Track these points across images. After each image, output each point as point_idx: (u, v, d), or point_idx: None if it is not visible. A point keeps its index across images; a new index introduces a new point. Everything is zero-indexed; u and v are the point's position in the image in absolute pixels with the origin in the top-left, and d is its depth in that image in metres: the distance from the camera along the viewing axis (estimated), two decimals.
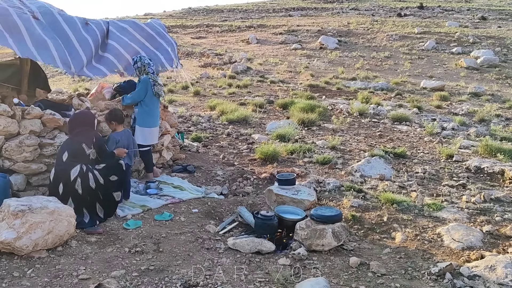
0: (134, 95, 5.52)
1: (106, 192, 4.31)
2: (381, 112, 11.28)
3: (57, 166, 4.19)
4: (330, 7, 55.68)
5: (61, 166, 4.14)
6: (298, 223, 4.00)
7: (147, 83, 5.47)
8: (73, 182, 4.08)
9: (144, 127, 5.59)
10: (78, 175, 4.11)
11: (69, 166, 4.13)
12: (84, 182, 4.14)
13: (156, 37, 6.38)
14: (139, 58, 5.54)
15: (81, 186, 4.12)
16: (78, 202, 4.11)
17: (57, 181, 4.11)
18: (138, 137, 5.56)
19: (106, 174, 4.31)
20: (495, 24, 36.80)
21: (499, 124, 10.38)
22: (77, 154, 4.21)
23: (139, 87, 5.51)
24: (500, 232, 4.24)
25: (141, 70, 5.53)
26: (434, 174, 6.29)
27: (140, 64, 5.51)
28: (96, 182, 4.23)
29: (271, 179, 5.88)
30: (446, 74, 20.33)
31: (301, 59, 24.34)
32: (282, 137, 8.04)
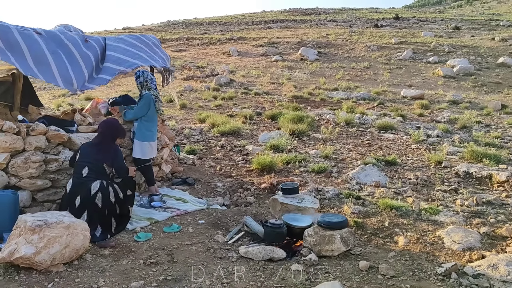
0: (136, 111, 5.56)
1: (123, 206, 4.39)
2: (367, 121, 11.58)
3: (75, 179, 4.25)
4: (308, 19, 56.64)
5: (80, 179, 4.20)
6: (306, 230, 4.14)
7: (150, 99, 5.51)
8: (94, 196, 4.15)
9: (144, 142, 5.61)
10: (99, 189, 4.18)
11: (89, 181, 4.19)
12: (105, 196, 4.21)
13: (152, 45, 6.48)
14: (141, 73, 5.62)
15: (101, 200, 4.19)
16: (95, 216, 4.16)
17: (74, 194, 4.16)
18: (136, 151, 5.57)
19: (124, 188, 4.40)
20: (468, 33, 38.06)
21: (480, 131, 10.78)
22: (98, 171, 4.29)
23: (141, 103, 5.54)
24: (496, 233, 4.47)
25: (143, 85, 5.61)
26: (426, 180, 6.54)
27: (143, 79, 5.59)
28: (116, 197, 4.31)
29: (271, 189, 6.02)
30: (424, 83, 20.94)
31: (282, 70, 24.67)
32: (276, 148, 8.20)
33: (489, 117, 13.47)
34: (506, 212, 5.22)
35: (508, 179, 6.34)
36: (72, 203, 4.15)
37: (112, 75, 5.66)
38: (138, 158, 5.57)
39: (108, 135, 4.58)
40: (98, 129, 4.74)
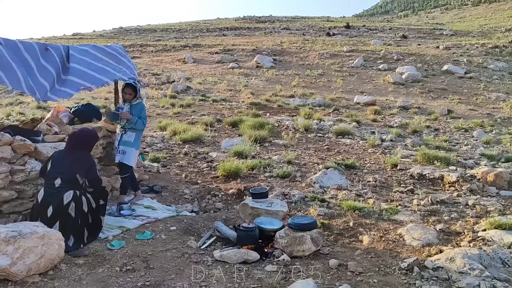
0: (145, 120, 5.79)
1: (95, 216, 4.38)
2: (324, 127, 11.97)
3: (47, 189, 4.19)
4: (263, 27, 57.42)
5: (52, 189, 4.16)
6: (278, 232, 4.32)
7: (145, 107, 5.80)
8: (67, 206, 4.11)
9: (138, 150, 5.88)
10: (72, 199, 4.15)
11: (62, 191, 4.15)
12: (78, 206, 4.19)
13: (118, 56, 6.46)
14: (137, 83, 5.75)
15: (74, 209, 4.16)
16: (68, 225, 4.13)
17: (46, 204, 4.11)
18: (131, 160, 5.72)
19: (96, 198, 4.39)
20: (415, 42, 39.99)
21: (430, 135, 11.44)
22: (71, 181, 4.25)
23: (144, 113, 5.80)
24: (451, 229, 4.85)
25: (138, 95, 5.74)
26: (384, 182, 6.92)
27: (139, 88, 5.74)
28: (88, 206, 4.29)
29: (239, 194, 6.17)
30: (375, 90, 21.81)
31: (239, 77, 24.90)
32: (240, 154, 8.35)
33: (437, 121, 14.27)
34: (458, 210, 5.64)
35: (458, 179, 6.82)
36: (44, 213, 4.11)
37: (76, 90, 5.64)
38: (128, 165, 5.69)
39: (82, 144, 4.55)
40: (70, 139, 4.69)
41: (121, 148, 5.69)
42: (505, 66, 29.51)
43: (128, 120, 5.65)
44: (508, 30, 49.15)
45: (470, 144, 10.66)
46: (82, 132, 4.64)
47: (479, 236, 4.51)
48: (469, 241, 4.42)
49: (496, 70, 28.32)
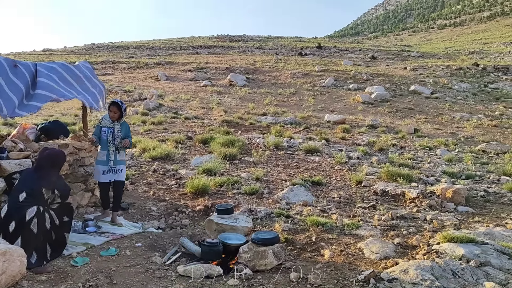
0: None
1: (59, 232, 4.38)
2: (294, 144, 12.21)
3: (11, 204, 4.17)
4: (236, 46, 58.11)
5: (16, 204, 4.14)
6: (241, 247, 4.42)
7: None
8: (29, 222, 4.10)
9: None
10: (35, 215, 4.14)
11: (25, 206, 4.14)
12: (40, 222, 4.17)
13: (83, 79, 6.49)
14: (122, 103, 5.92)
15: (36, 226, 4.14)
16: (30, 242, 4.12)
17: (9, 219, 4.09)
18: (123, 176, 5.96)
19: (60, 214, 4.39)
20: (384, 63, 41.22)
21: (395, 153, 11.82)
22: (36, 196, 4.24)
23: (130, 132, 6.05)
24: (407, 243, 5.06)
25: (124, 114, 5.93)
26: (348, 198, 7.13)
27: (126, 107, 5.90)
28: (51, 223, 4.29)
29: (206, 211, 6.25)
30: (345, 108, 22.34)
31: (212, 95, 25.06)
32: (209, 171, 8.44)
33: (403, 140, 14.73)
34: (416, 224, 5.88)
35: (418, 196, 7.10)
36: (6, 229, 4.08)
37: (43, 101, 5.62)
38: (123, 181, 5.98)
39: (51, 165, 4.55)
40: (38, 160, 4.67)
41: (118, 167, 5.82)
42: (469, 87, 30.73)
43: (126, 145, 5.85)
44: (471, 52, 51.32)
45: (433, 162, 11.05)
46: (49, 155, 4.64)
47: (433, 249, 4.72)
48: (424, 254, 4.63)
49: (461, 91, 29.45)
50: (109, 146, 5.77)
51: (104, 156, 5.79)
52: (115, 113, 5.81)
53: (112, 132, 5.79)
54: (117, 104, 5.80)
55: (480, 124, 19.65)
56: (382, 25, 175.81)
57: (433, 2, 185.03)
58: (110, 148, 5.78)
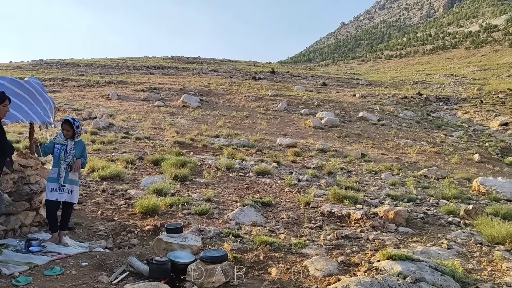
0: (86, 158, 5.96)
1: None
2: (246, 166, 12.38)
3: None
4: (191, 67, 58.24)
5: None
6: (190, 265, 4.47)
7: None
8: None
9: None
10: None
11: None
12: None
13: (35, 93, 6.39)
14: (77, 121, 5.80)
15: None
16: None
17: None
18: (76, 198, 5.89)
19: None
20: (334, 89, 42.72)
21: (343, 176, 12.27)
22: None
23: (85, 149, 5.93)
24: (350, 261, 5.30)
25: (78, 132, 5.82)
26: (296, 219, 7.34)
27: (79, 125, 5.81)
28: None
29: (155, 230, 6.23)
30: (297, 132, 22.88)
31: (164, 116, 24.90)
32: (159, 192, 8.41)
33: (351, 164, 15.28)
34: (359, 244, 6.15)
35: (362, 217, 7.43)
36: None
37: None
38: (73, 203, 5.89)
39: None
40: None
41: (68, 187, 5.68)
42: (413, 115, 32.42)
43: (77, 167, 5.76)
44: (415, 83, 54.23)
45: (378, 185, 11.55)
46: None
47: (373, 266, 4.98)
48: (365, 271, 4.86)
49: (405, 118, 30.99)
50: (60, 163, 5.69)
51: (55, 174, 5.69)
52: (68, 131, 5.76)
53: (65, 149, 5.72)
54: (69, 122, 5.75)
55: (423, 151, 20.74)
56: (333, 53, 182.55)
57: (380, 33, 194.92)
58: (62, 165, 5.69)
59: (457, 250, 6.17)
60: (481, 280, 4.94)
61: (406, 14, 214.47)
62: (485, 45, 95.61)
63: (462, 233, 7.24)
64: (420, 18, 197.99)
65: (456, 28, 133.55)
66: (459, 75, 62.21)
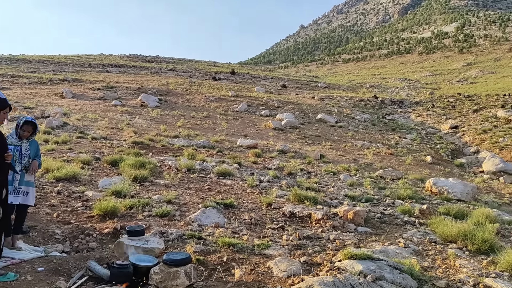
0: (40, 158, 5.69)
1: None
2: (207, 167, 12.29)
3: None
4: (149, 66, 57.26)
5: None
6: (152, 268, 4.39)
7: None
8: None
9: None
10: None
11: None
12: None
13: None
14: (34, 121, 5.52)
15: None
16: None
17: None
18: (32, 200, 5.63)
19: None
20: (293, 91, 43.25)
21: (303, 177, 12.43)
22: None
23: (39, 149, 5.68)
24: (313, 261, 5.37)
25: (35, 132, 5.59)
26: (258, 220, 7.36)
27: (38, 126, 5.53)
28: None
29: (115, 233, 6.06)
30: (257, 134, 22.99)
31: (122, 116, 24.36)
32: (118, 193, 8.19)
33: (310, 165, 15.52)
34: (321, 244, 6.25)
35: (323, 217, 7.55)
36: None
37: None
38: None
39: None
40: None
41: (24, 189, 5.45)
42: (369, 117, 33.34)
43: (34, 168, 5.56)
44: (371, 86, 55.85)
45: (337, 186, 11.79)
46: None
47: (335, 266, 5.07)
48: (327, 270, 4.95)
49: (362, 120, 31.84)
50: (15, 165, 5.39)
51: (9, 176, 5.40)
52: (29, 132, 5.49)
53: (20, 150, 5.43)
54: (32, 124, 5.49)
55: (379, 152, 21.38)
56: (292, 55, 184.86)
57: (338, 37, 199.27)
58: (17, 167, 5.40)
59: (413, 249, 6.40)
60: (436, 278, 5.14)
61: (363, 19, 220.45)
62: (436, 51, 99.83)
63: (418, 232, 7.51)
64: (376, 23, 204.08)
65: (410, 34, 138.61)
66: (412, 79, 64.63)
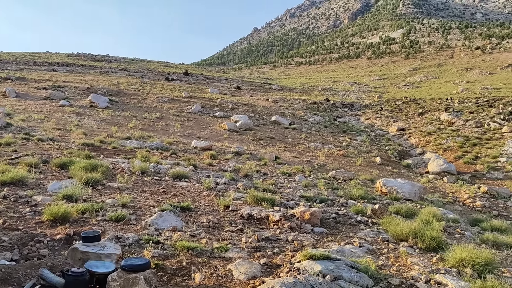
0: None
1: None
2: (162, 170, 12.08)
3: None
4: (99, 66, 55.53)
5: None
6: (110, 275, 4.25)
7: None
8: None
9: None
10: None
11: None
12: None
13: None
14: None
15: None
16: None
17: None
18: None
19: None
20: (248, 93, 43.40)
21: (259, 178, 12.49)
22: None
23: None
24: (272, 262, 5.41)
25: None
26: (217, 223, 7.32)
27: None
28: None
29: (68, 239, 5.81)
30: (212, 135, 22.87)
31: (70, 116, 23.49)
32: (69, 197, 7.88)
33: (266, 166, 15.63)
34: (279, 245, 6.31)
35: (280, 218, 7.62)
36: None
37: None
38: None
39: None
40: None
41: None
42: (321, 120, 34.06)
43: None
44: (323, 89, 57.08)
45: (292, 187, 11.95)
46: None
47: (295, 267, 5.13)
48: (287, 272, 5.00)
49: (315, 123, 32.47)
50: None
51: None
52: None
53: None
54: None
55: (331, 154, 21.88)
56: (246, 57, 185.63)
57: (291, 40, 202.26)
58: None
59: (368, 248, 6.60)
60: (391, 275, 5.33)
61: (315, 23, 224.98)
62: (384, 56, 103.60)
63: (371, 231, 7.75)
64: (328, 28, 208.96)
65: (359, 39, 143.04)
66: (362, 83, 66.71)
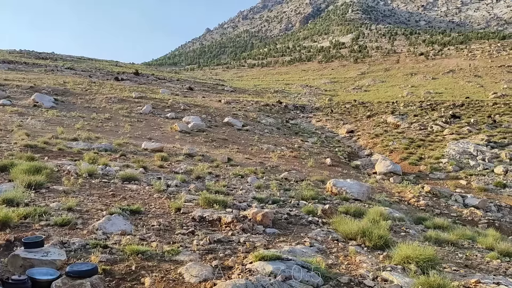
0: None
1: None
2: (110, 172, 11.72)
3: None
4: (43, 64, 53.20)
5: None
6: (54, 282, 4.06)
7: None
8: None
9: None
10: None
11: None
12: None
13: None
14: None
15: None
16: None
17: None
18: None
19: None
20: (200, 94, 43.11)
21: (211, 180, 12.42)
22: None
23: None
24: (224, 264, 5.39)
25: None
26: (167, 226, 7.19)
27: None
28: None
29: (8, 245, 5.50)
30: (163, 137, 22.49)
31: (12, 116, 22.35)
32: (10, 202, 7.46)
33: (218, 168, 15.56)
34: (232, 247, 6.29)
35: (233, 220, 7.60)
36: None
37: None
38: None
39: None
40: None
41: None
42: (273, 122, 34.40)
43: None
44: (276, 91, 57.72)
45: (245, 189, 11.97)
46: None
47: (246, 268, 5.14)
48: (239, 273, 4.99)
49: (267, 124, 32.74)
50: None
51: None
52: None
53: None
54: None
55: (283, 155, 22.14)
56: (198, 58, 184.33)
57: (244, 42, 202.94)
58: None
59: (318, 247, 6.72)
60: (340, 274, 5.45)
61: (267, 26, 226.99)
62: (334, 60, 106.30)
63: (321, 231, 7.91)
64: (280, 30, 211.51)
65: (310, 42, 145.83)
66: (313, 86, 68.04)
